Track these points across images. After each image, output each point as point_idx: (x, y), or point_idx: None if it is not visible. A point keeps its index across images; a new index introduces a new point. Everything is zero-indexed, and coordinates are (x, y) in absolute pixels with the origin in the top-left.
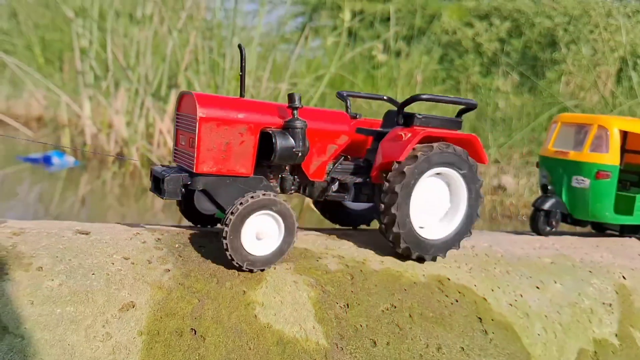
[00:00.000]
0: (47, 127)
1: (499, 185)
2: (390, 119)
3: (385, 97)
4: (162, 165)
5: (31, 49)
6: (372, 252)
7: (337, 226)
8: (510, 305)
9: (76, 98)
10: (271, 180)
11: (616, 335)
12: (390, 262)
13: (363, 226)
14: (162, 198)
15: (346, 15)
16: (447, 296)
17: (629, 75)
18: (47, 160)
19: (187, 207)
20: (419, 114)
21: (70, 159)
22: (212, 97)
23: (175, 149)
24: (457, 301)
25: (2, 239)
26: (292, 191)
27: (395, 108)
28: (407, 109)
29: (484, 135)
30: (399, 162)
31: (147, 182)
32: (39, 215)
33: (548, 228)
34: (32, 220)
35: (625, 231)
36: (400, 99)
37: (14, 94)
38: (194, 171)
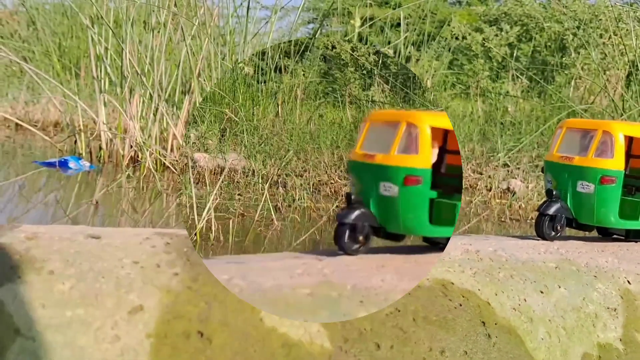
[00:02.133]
0: (64, 133)
1: (507, 188)
2: None
3: None
4: None
5: (49, 56)
6: None
7: None
8: (514, 309)
9: (92, 104)
10: None
11: (620, 340)
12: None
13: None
14: None
15: (357, 21)
16: (450, 300)
17: (639, 79)
18: (63, 165)
19: None
20: None
21: (85, 164)
22: None
23: None
24: (460, 305)
25: (15, 243)
26: None
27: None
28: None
29: (494, 139)
30: None
31: (160, 186)
32: (56, 218)
33: (553, 233)
34: (48, 224)
35: (631, 236)
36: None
37: (32, 100)
38: None
